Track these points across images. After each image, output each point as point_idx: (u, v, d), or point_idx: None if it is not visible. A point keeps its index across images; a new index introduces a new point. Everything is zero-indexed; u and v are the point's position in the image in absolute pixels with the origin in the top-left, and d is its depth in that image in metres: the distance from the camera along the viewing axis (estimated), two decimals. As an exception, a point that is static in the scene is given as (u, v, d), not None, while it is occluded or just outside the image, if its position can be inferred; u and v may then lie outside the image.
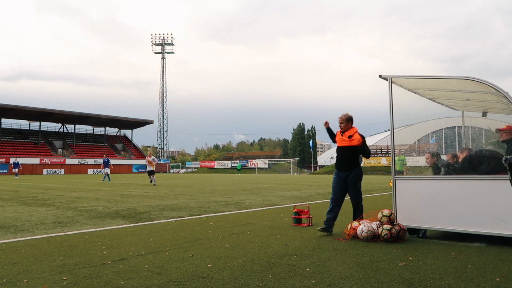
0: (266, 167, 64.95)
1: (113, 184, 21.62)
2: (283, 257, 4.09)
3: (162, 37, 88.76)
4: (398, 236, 4.86)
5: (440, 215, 4.92)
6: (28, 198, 11.88)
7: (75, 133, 67.77)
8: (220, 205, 9.54)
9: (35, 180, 29.73)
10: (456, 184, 4.94)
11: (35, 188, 17.29)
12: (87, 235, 5.42)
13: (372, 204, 9.94)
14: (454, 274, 3.44)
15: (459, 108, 7.00)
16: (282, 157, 74.24)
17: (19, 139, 60.87)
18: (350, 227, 5.19)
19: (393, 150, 5.43)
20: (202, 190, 15.50)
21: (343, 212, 8.03)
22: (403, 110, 5.70)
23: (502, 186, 4.47)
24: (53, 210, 8.57)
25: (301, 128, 77.09)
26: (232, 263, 3.85)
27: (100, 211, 8.27)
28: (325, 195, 12.66)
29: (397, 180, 5.32)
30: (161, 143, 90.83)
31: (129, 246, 4.64)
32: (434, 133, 10.17)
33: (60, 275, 3.42)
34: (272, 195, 12.78)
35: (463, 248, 4.48)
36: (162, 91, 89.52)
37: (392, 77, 5.43)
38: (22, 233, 5.61)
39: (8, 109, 54.21)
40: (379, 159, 52.85)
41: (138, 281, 3.25)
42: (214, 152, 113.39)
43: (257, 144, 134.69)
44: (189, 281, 3.27)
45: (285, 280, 3.27)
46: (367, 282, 3.22)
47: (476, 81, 4.80)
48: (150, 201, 10.56)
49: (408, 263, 3.83)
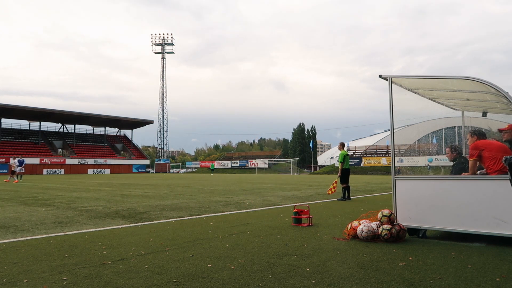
0: (266, 167, 64.96)
1: (113, 184, 21.62)
2: (283, 257, 4.09)
3: (162, 37, 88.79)
4: (398, 236, 4.86)
5: (440, 215, 4.92)
6: (28, 198, 11.88)
7: (75, 133, 67.80)
8: (220, 205, 9.54)
9: (35, 180, 29.74)
10: (456, 184, 4.94)
11: (35, 188, 17.29)
12: (87, 235, 5.42)
13: (372, 204, 9.94)
14: (454, 274, 3.44)
15: (459, 108, 6.99)
16: (282, 157, 74.24)
17: (19, 139, 60.88)
18: (350, 227, 5.18)
19: (393, 150, 5.44)
20: (202, 190, 15.50)
21: (343, 212, 8.05)
22: (403, 110, 5.71)
23: (502, 186, 4.47)
24: (53, 210, 8.57)
25: (301, 128, 77.11)
26: (232, 263, 3.85)
27: (100, 211, 8.27)
28: (325, 195, 12.66)
29: (397, 180, 5.32)
30: (161, 143, 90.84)
31: (129, 246, 4.64)
32: (434, 133, 10.19)
33: (60, 275, 3.42)
34: (272, 195, 12.78)
35: (463, 248, 4.48)
36: (162, 91, 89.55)
37: (392, 77, 5.43)
38: (22, 233, 5.61)
39: (8, 109, 54.23)
40: (379, 159, 52.86)
41: (138, 281, 3.25)
42: (214, 152, 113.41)
43: (257, 144, 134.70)
44: (189, 281, 3.27)
45: (285, 280, 3.27)
46: (367, 282, 3.22)
47: (476, 81, 4.80)
48: (150, 201, 10.56)
49: (408, 263, 3.83)
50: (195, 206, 9.38)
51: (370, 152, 57.99)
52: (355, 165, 54.23)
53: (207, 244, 4.78)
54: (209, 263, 3.83)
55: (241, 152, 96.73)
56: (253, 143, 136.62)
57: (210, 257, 4.10)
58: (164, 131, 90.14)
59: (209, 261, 3.93)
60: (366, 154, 57.38)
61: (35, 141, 61.75)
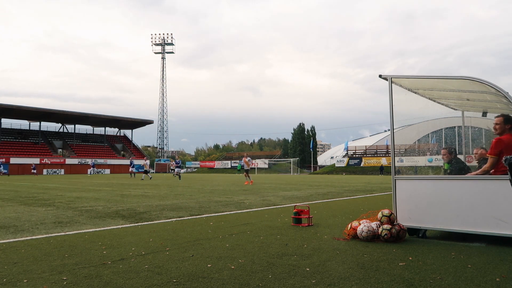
0: (266, 167, 64.99)
1: (113, 184, 21.62)
2: (283, 257, 4.09)
3: (162, 37, 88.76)
4: (398, 236, 4.86)
5: (440, 215, 4.92)
6: (28, 198, 11.89)
7: (75, 133, 67.79)
8: (220, 205, 9.54)
9: (35, 180, 29.74)
10: (456, 184, 4.94)
11: (35, 188, 17.29)
12: (87, 235, 5.42)
13: (372, 204, 9.94)
14: (454, 274, 3.44)
15: (459, 108, 6.99)
16: (282, 157, 74.25)
17: (19, 139, 60.87)
18: (350, 227, 5.18)
19: (393, 150, 5.44)
20: (202, 190, 15.50)
21: (343, 212, 8.05)
22: (403, 110, 5.71)
23: (502, 186, 4.47)
24: (53, 210, 8.57)
25: (301, 128, 77.12)
26: (232, 263, 3.85)
27: (100, 211, 8.27)
28: (325, 195, 12.66)
29: (397, 180, 5.32)
30: (161, 143, 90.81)
31: (129, 246, 4.64)
32: (434, 133, 10.21)
33: (60, 275, 3.42)
34: (272, 195, 12.78)
35: (463, 248, 4.48)
36: (162, 91, 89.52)
37: (392, 77, 5.42)
38: (22, 233, 5.60)
39: (8, 109, 54.23)
40: (379, 159, 52.86)
41: (138, 281, 3.25)
42: (214, 152, 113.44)
43: (257, 144, 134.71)
44: (189, 281, 3.27)
45: (285, 280, 3.27)
46: (367, 282, 3.22)
47: (476, 81, 4.79)
48: (150, 201, 10.56)
49: (408, 263, 3.83)
50: (195, 206, 9.38)
51: (370, 152, 57.99)
52: (355, 165, 54.25)
53: (207, 244, 4.78)
54: (209, 263, 3.83)
55: (241, 152, 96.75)
56: (253, 143, 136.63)
57: (210, 257, 4.10)
58: (164, 131, 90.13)
59: (209, 261, 3.93)
60: (366, 154, 57.38)
61: (35, 141, 61.74)
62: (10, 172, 50.70)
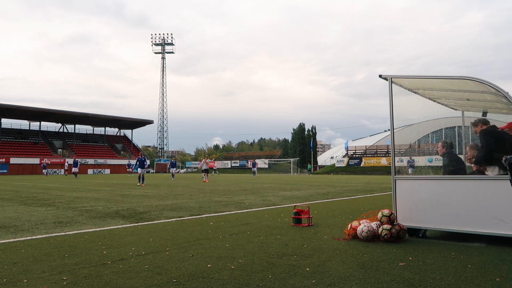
0: (266, 167, 64.95)
1: (113, 184, 21.62)
2: (283, 257, 4.09)
3: (162, 37, 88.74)
4: (398, 236, 4.86)
5: (440, 215, 4.92)
6: (28, 198, 11.89)
7: (75, 133, 67.77)
8: (220, 205, 9.54)
9: (35, 180, 29.73)
10: (456, 184, 4.94)
11: (35, 188, 17.29)
12: (87, 235, 5.42)
13: (372, 204, 9.94)
14: (454, 274, 3.44)
15: (459, 108, 6.99)
16: (282, 157, 74.22)
17: (19, 139, 60.84)
18: (350, 227, 5.18)
19: (393, 150, 5.43)
20: (202, 190, 15.50)
21: (343, 212, 8.05)
22: (403, 110, 5.70)
23: (502, 186, 4.47)
24: (53, 210, 8.57)
25: (301, 128, 77.04)
26: (232, 263, 3.85)
27: (100, 211, 8.27)
28: (325, 195, 12.66)
29: (397, 180, 5.32)
30: (161, 143, 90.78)
31: (129, 246, 4.64)
32: (434, 133, 10.20)
33: (60, 275, 3.42)
34: (272, 195, 12.78)
35: (463, 248, 4.48)
36: (162, 91, 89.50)
37: (392, 77, 5.42)
38: (22, 233, 5.61)
39: (8, 109, 54.21)
40: (379, 159, 52.86)
41: (138, 281, 3.25)
42: (214, 152, 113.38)
43: (257, 144, 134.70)
44: (189, 281, 3.27)
45: (285, 280, 3.27)
46: (367, 282, 3.22)
47: (476, 81, 4.79)
48: (150, 201, 10.56)
49: (408, 263, 3.83)
50: (195, 206, 9.38)
51: (370, 152, 57.99)
52: (355, 165, 54.23)
53: (207, 244, 4.78)
54: (209, 263, 3.83)
55: (241, 152, 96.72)
56: (253, 143, 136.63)
57: (210, 257, 4.10)
58: (164, 131, 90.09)
59: (209, 261, 3.93)
60: (366, 154, 57.37)
61: (35, 141, 61.72)
62: (10, 172, 50.70)
